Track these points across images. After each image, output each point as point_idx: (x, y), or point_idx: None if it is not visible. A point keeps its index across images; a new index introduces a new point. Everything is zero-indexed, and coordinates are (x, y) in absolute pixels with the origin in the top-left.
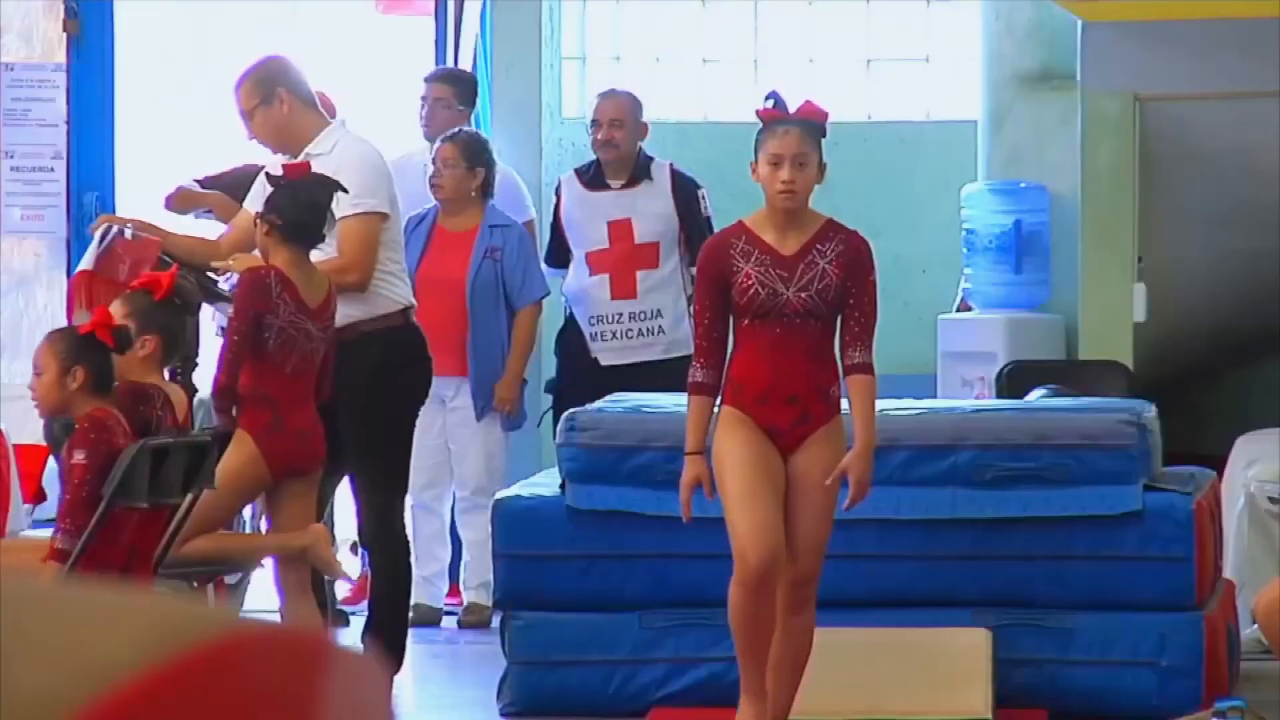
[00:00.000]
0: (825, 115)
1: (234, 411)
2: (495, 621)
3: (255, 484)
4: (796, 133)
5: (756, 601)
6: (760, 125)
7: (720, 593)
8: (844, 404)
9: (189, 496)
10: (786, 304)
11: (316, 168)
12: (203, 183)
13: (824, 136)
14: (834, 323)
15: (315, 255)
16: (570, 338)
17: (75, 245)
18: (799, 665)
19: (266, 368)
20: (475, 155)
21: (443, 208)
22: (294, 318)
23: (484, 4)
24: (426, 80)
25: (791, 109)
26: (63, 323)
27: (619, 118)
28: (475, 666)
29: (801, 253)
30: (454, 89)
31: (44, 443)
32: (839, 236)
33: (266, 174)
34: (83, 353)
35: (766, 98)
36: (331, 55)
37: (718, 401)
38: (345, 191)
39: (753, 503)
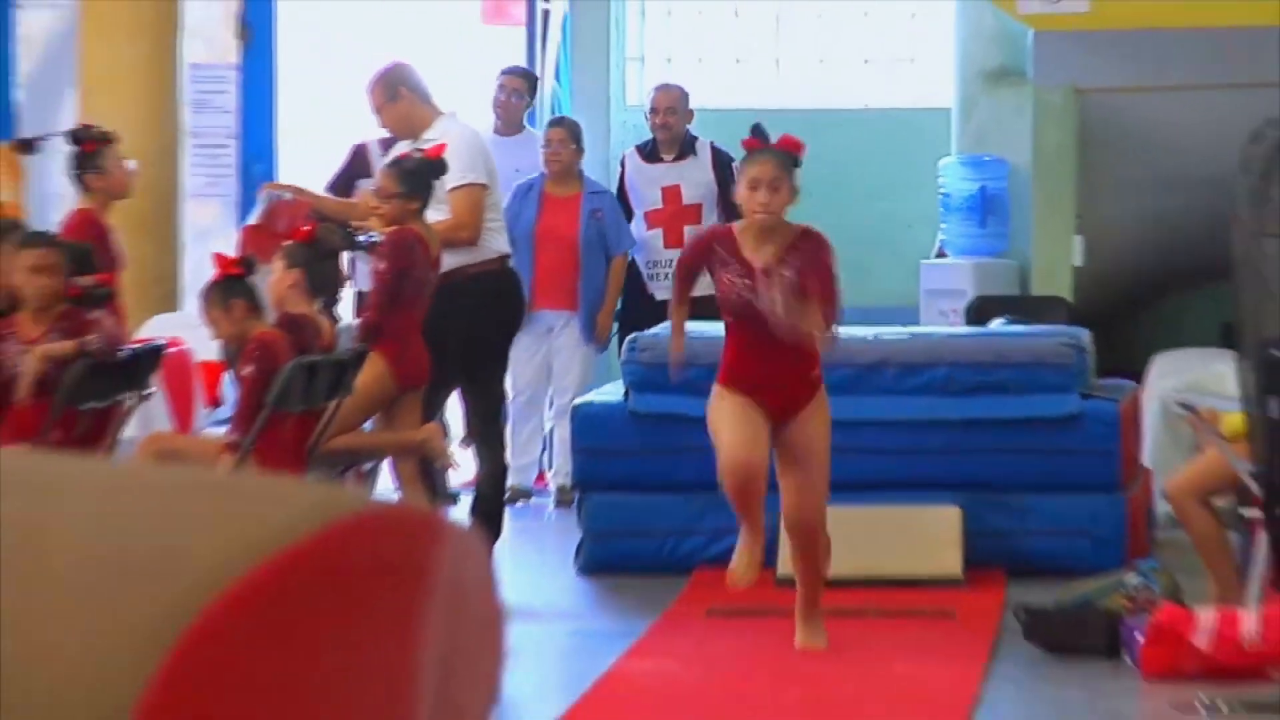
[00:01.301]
0: (800, 147)
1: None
2: (574, 501)
3: (384, 396)
4: (772, 161)
5: (739, 489)
6: (749, 151)
7: None
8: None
9: (333, 404)
10: (757, 311)
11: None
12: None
13: (797, 165)
14: None
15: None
16: (632, 278)
17: (243, 206)
18: (820, 565)
19: (400, 308)
20: (578, 135)
21: (551, 178)
22: (426, 270)
23: (564, 16)
24: (503, 74)
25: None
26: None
27: (671, 106)
28: (557, 537)
29: (770, 267)
30: (524, 82)
31: (221, 359)
32: (804, 246)
33: (398, 160)
34: (231, 290)
35: (751, 130)
36: (444, 58)
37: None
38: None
39: (736, 425)
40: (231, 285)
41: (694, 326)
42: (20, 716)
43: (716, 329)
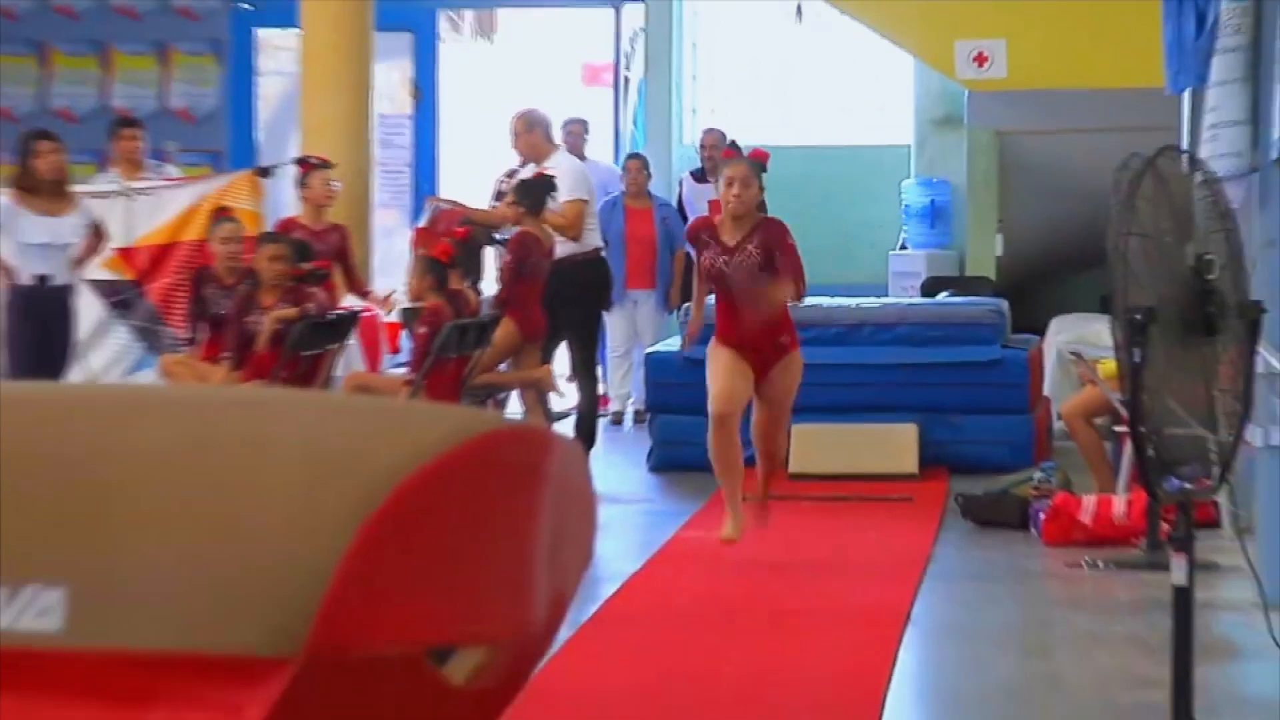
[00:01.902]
0: (765, 157)
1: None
2: (647, 420)
3: (512, 347)
4: (744, 166)
5: (722, 436)
6: (723, 159)
7: None
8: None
9: (478, 352)
10: (729, 276)
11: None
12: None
13: (764, 171)
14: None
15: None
16: (688, 267)
17: (414, 214)
18: (777, 460)
19: (524, 285)
20: (648, 165)
21: (630, 195)
22: (541, 258)
23: (640, 81)
24: (567, 123)
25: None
26: (407, 257)
27: (715, 143)
28: (635, 445)
29: (739, 245)
30: (582, 126)
31: (399, 321)
32: (762, 228)
33: (522, 180)
34: (430, 267)
35: (729, 144)
36: (555, 109)
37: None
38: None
39: (723, 376)
40: (432, 264)
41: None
42: (248, 571)
43: None
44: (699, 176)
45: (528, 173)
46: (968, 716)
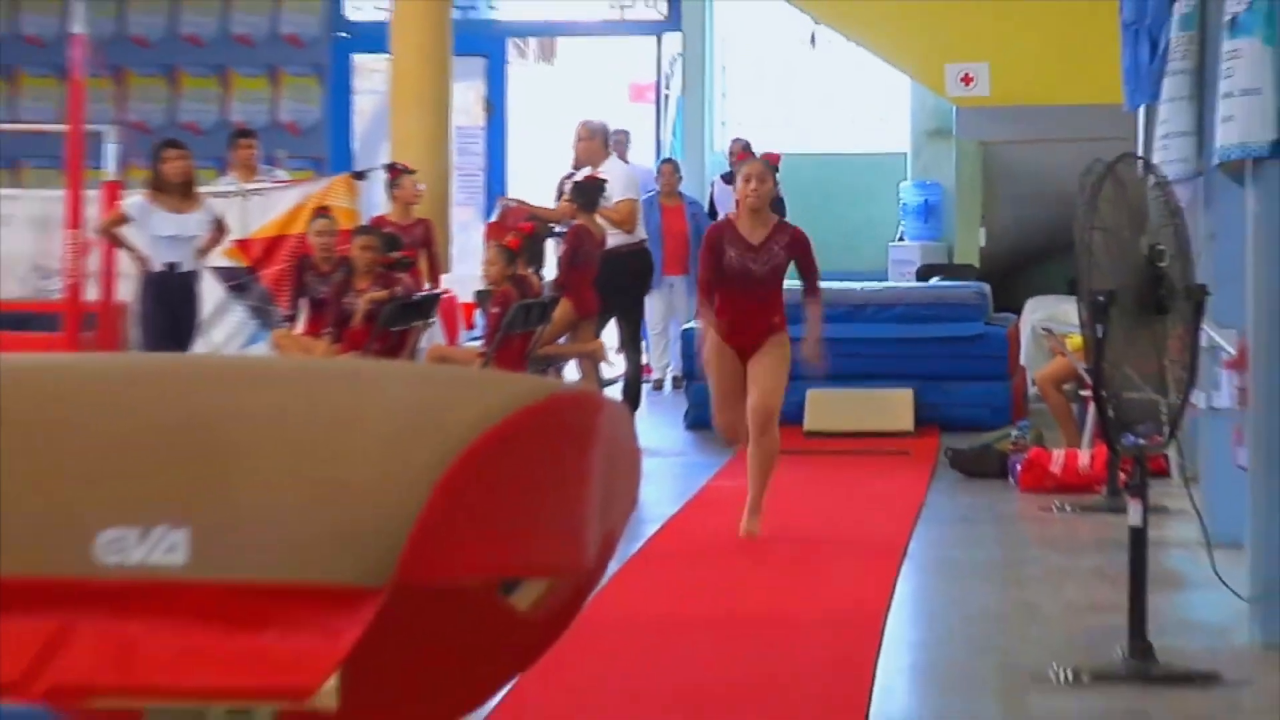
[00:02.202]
0: (778, 158)
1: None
2: (683, 385)
3: (569, 323)
4: (759, 165)
5: (727, 432)
6: (740, 160)
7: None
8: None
9: (540, 328)
10: (754, 273)
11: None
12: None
13: (776, 171)
14: (780, 284)
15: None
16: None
17: (486, 211)
18: (767, 469)
19: (578, 272)
20: (679, 169)
21: (663, 194)
22: (594, 248)
23: (679, 99)
24: (613, 133)
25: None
26: (480, 248)
27: (740, 152)
28: (674, 406)
29: (764, 245)
30: (625, 135)
31: (473, 301)
32: (786, 232)
33: (576, 181)
34: (501, 256)
35: (741, 145)
36: (607, 120)
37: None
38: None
39: (721, 394)
40: (502, 253)
41: None
42: (345, 514)
43: None
44: (728, 179)
45: (582, 176)
46: (955, 638)
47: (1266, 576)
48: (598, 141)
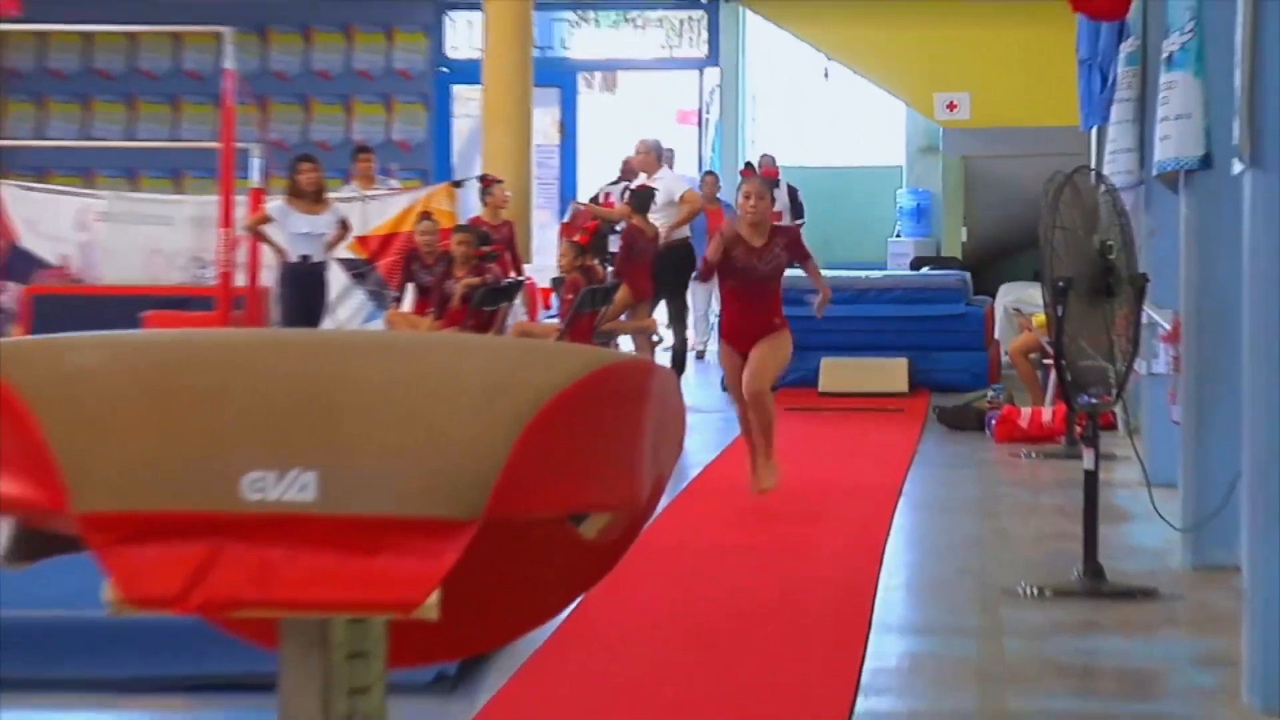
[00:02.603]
0: (775, 174)
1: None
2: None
3: (627, 304)
4: (757, 184)
5: (733, 384)
6: (743, 177)
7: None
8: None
9: (604, 308)
10: (758, 272)
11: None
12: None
13: (776, 187)
14: (779, 284)
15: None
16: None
17: (559, 213)
18: (768, 430)
19: (634, 262)
20: (719, 180)
21: (706, 200)
22: (646, 243)
23: (717, 123)
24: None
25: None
26: (555, 243)
27: (768, 165)
28: (713, 372)
29: (766, 247)
30: (670, 152)
31: (549, 286)
32: (782, 235)
33: (632, 190)
34: (573, 250)
35: (745, 165)
36: (661, 139)
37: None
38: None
39: (728, 362)
40: (574, 248)
41: None
42: (444, 460)
43: None
44: None
45: (635, 185)
46: (942, 559)
47: (1196, 511)
48: (653, 156)
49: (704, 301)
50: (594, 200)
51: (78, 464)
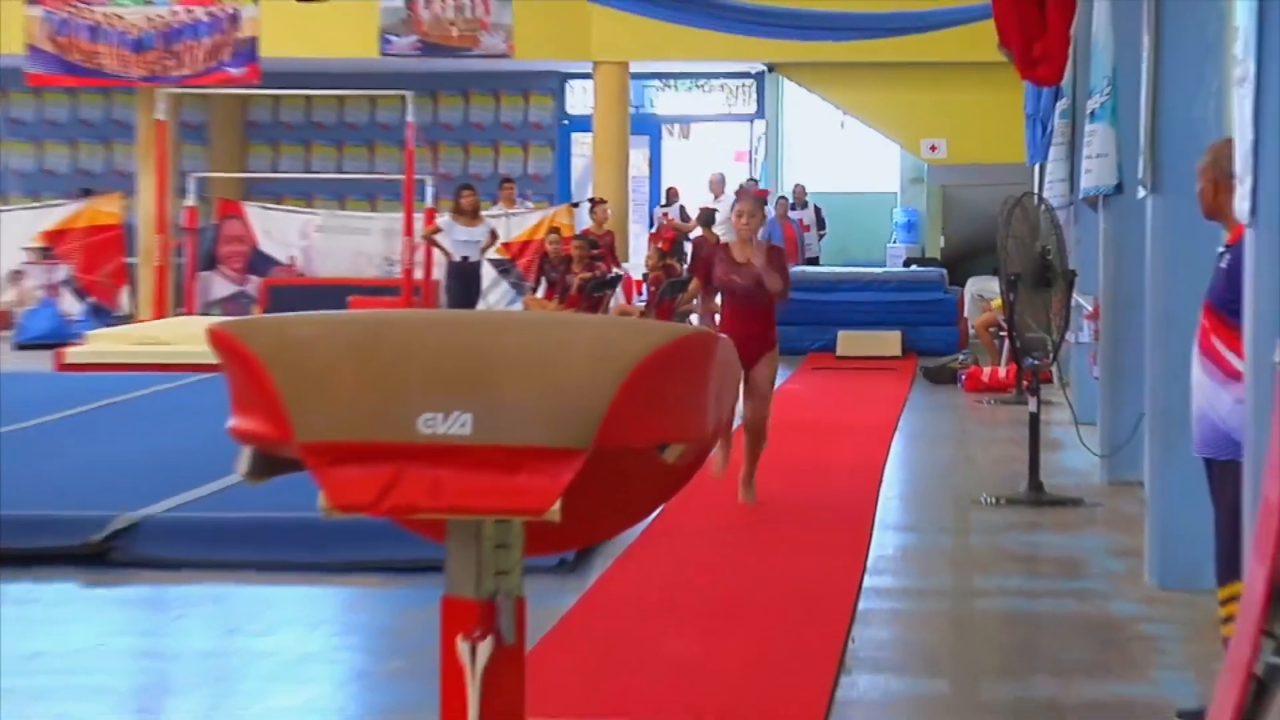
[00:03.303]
0: (765, 193)
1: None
2: None
3: (697, 292)
4: (750, 202)
5: None
6: (739, 196)
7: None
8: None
9: (680, 295)
10: (736, 284)
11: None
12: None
13: (765, 204)
14: (770, 300)
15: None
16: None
17: (648, 226)
18: (758, 452)
19: (702, 262)
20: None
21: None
22: (710, 248)
23: (763, 163)
24: (720, 177)
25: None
26: (645, 248)
27: (800, 186)
28: None
29: (748, 262)
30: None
31: (640, 279)
32: (770, 253)
33: (701, 209)
34: (658, 253)
35: (742, 185)
36: (718, 169)
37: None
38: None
39: None
40: (658, 251)
41: None
42: (565, 404)
43: None
44: (791, 205)
45: (667, 208)
46: (926, 477)
47: (1110, 442)
48: (720, 184)
49: None
50: (651, 220)
51: (299, 407)
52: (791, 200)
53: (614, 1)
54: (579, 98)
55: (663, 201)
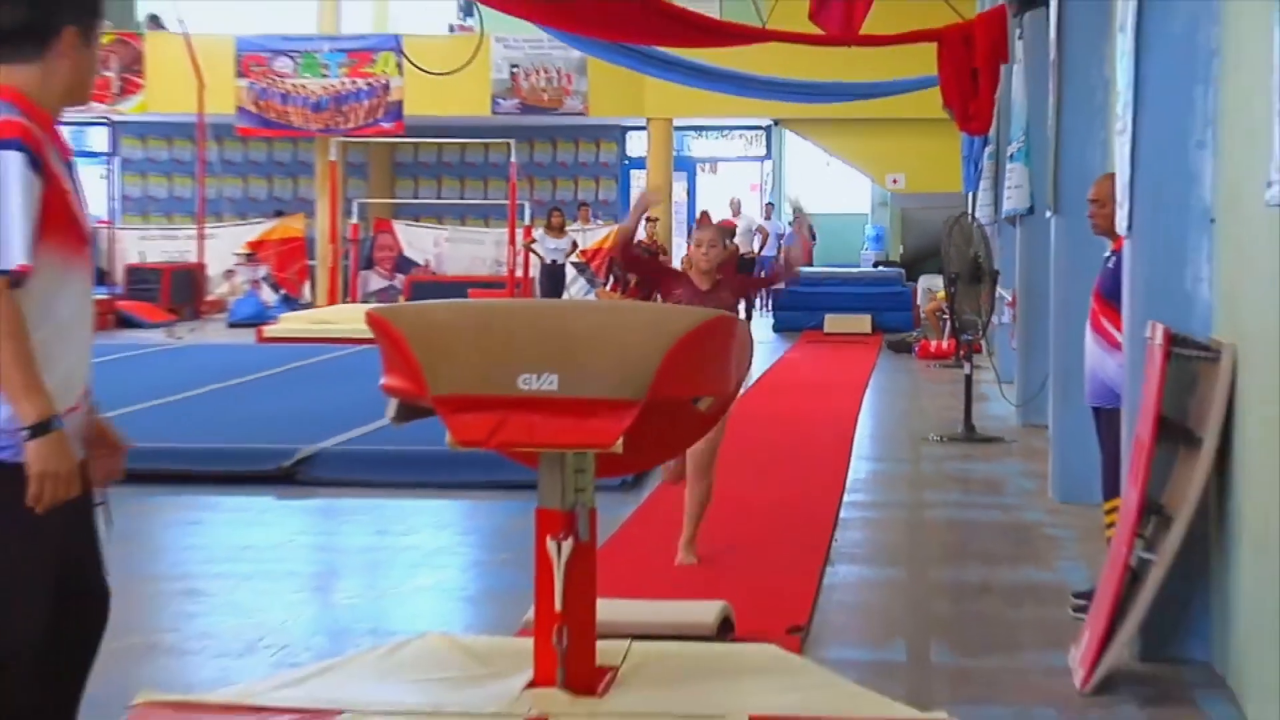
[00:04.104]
0: (732, 224)
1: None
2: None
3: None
4: (711, 231)
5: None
6: (700, 225)
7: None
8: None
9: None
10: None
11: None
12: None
13: (731, 238)
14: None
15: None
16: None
17: (686, 238)
18: (701, 508)
19: (727, 265)
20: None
21: (762, 236)
22: (730, 257)
23: (771, 191)
24: (737, 202)
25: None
26: (683, 253)
27: (798, 207)
28: (768, 323)
29: (710, 291)
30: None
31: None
32: (734, 281)
33: (721, 225)
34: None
35: (700, 213)
36: (740, 197)
37: None
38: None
39: None
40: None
41: None
42: (627, 365)
43: None
44: (791, 221)
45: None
46: (890, 422)
47: (1024, 395)
48: (737, 206)
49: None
50: (688, 234)
51: (432, 370)
52: (794, 219)
53: (662, 73)
54: (635, 144)
55: (697, 220)
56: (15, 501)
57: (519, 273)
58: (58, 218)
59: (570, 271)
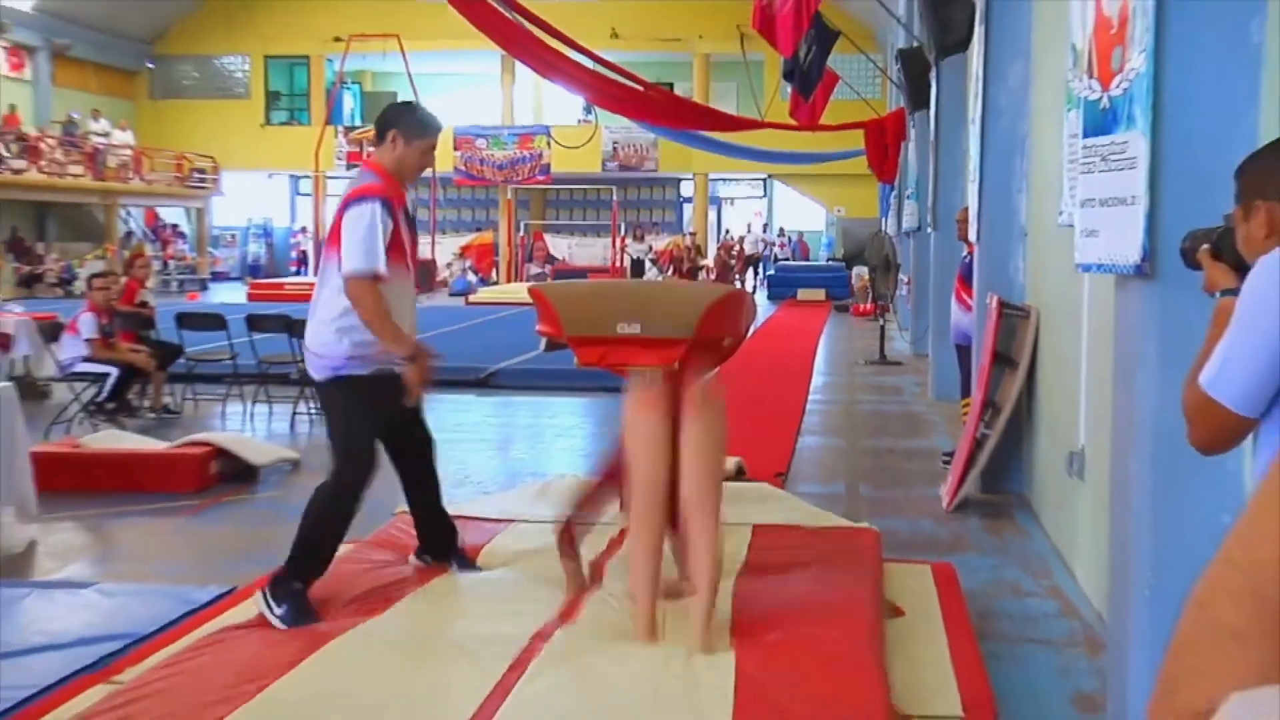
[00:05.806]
0: (730, 245)
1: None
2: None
3: (733, 278)
4: (721, 253)
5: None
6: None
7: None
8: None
9: (730, 277)
10: None
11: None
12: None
13: (730, 252)
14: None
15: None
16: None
17: (715, 245)
18: (713, 586)
19: (741, 260)
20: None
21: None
22: (736, 262)
23: (765, 217)
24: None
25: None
26: (713, 255)
27: (781, 230)
28: (764, 299)
29: (718, 278)
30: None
31: (710, 266)
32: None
33: (726, 244)
34: (720, 261)
35: (722, 241)
36: (751, 222)
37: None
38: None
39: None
40: (722, 261)
41: None
42: (680, 317)
43: None
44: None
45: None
46: (834, 351)
47: (914, 337)
48: (747, 229)
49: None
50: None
51: (567, 320)
52: (784, 233)
53: (702, 146)
54: (686, 188)
55: (720, 245)
56: (357, 395)
57: (617, 264)
58: (396, 246)
59: (647, 264)
